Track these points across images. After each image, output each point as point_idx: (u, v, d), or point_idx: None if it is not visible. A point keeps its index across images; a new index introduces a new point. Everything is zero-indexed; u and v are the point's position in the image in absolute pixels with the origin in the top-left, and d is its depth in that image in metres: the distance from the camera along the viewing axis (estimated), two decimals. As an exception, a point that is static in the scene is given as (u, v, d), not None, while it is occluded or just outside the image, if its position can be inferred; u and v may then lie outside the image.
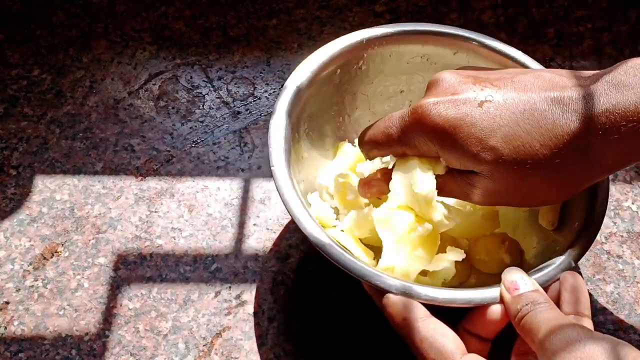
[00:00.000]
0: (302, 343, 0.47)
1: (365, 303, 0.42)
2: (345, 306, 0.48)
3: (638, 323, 0.48)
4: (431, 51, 0.50)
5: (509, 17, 0.65)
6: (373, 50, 0.49)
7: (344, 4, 0.66)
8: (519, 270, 0.38)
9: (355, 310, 0.48)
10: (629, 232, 0.52)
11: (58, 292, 0.49)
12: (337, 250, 0.39)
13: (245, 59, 0.62)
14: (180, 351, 0.46)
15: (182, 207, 0.53)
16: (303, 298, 0.49)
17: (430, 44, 0.50)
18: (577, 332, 0.33)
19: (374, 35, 0.49)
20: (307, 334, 0.47)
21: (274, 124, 0.44)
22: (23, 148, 0.56)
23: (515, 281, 0.37)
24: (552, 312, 0.35)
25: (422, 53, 0.50)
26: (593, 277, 0.50)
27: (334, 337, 0.47)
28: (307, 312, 0.48)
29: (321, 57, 0.48)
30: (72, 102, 0.59)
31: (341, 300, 0.48)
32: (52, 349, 0.46)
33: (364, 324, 0.47)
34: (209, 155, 0.56)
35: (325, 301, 0.49)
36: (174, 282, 0.49)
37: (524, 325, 0.35)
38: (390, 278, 0.38)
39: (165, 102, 0.59)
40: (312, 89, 0.47)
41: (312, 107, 0.48)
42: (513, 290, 0.37)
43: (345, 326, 0.47)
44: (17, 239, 0.51)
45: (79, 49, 0.62)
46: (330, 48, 0.48)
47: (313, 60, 0.47)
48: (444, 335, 0.36)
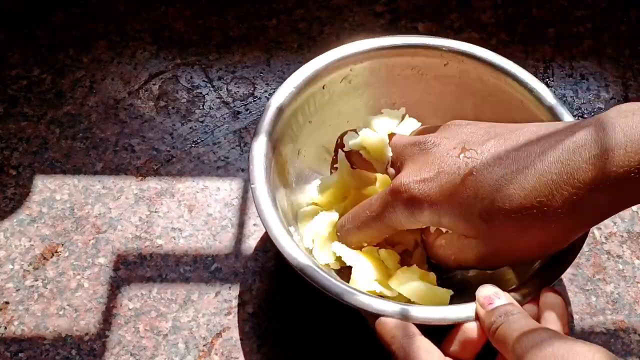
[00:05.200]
0: (302, 343, 0.47)
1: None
2: (345, 306, 0.48)
3: (638, 323, 0.48)
4: (421, 63, 0.50)
5: (509, 17, 0.65)
6: (362, 64, 0.49)
7: (344, 4, 0.66)
8: (493, 286, 0.38)
9: (355, 310, 0.48)
10: (629, 232, 0.52)
11: (58, 292, 0.49)
12: (320, 273, 0.40)
13: (245, 59, 0.62)
14: (180, 351, 0.46)
15: (182, 207, 0.53)
16: (303, 298, 0.49)
17: (421, 56, 0.49)
18: (546, 333, 0.33)
19: (361, 50, 0.49)
20: (307, 334, 0.47)
21: (256, 145, 0.44)
22: (23, 148, 0.56)
23: (490, 296, 0.37)
24: (524, 320, 0.35)
25: (412, 65, 0.50)
26: (593, 277, 0.50)
27: (334, 337, 0.47)
28: (307, 313, 0.48)
29: (306, 72, 0.47)
30: (72, 102, 0.59)
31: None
32: (52, 349, 0.46)
33: (364, 324, 0.47)
34: (209, 155, 0.56)
35: (325, 301, 0.49)
36: (174, 282, 0.49)
37: (498, 337, 0.35)
38: (373, 299, 0.39)
39: (165, 102, 0.59)
40: (296, 105, 0.47)
41: (298, 123, 0.48)
42: (487, 305, 0.37)
43: (345, 326, 0.47)
44: (17, 239, 0.51)
45: (79, 49, 0.62)
46: (316, 64, 0.48)
47: (298, 76, 0.47)
48: (428, 352, 0.36)
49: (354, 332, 0.47)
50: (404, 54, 0.49)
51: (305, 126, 0.49)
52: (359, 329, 0.47)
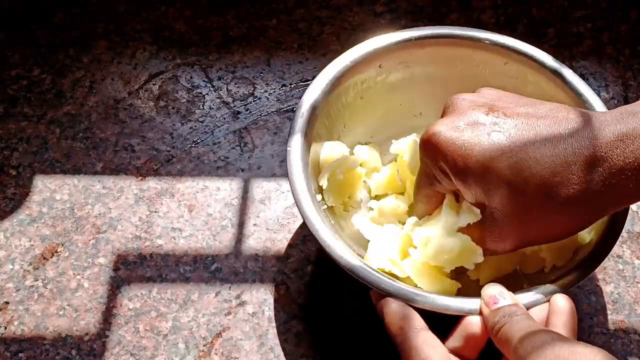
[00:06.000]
0: (302, 343, 0.47)
1: (365, 303, 0.42)
2: (346, 306, 0.48)
3: (638, 323, 0.48)
4: (481, 58, 0.49)
5: (509, 17, 0.65)
6: (423, 50, 0.49)
7: (344, 4, 0.66)
8: (499, 285, 0.38)
9: (356, 310, 0.48)
10: (629, 232, 0.52)
11: (58, 292, 0.49)
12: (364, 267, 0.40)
13: (245, 59, 0.62)
14: (180, 351, 0.46)
15: (182, 207, 0.53)
16: (303, 298, 0.49)
17: (482, 50, 0.49)
18: (550, 336, 0.33)
19: (422, 35, 0.49)
20: (307, 334, 0.47)
21: (293, 145, 0.44)
22: (23, 148, 0.56)
23: (494, 295, 0.37)
24: (527, 321, 0.35)
25: (473, 59, 0.49)
26: (593, 277, 0.50)
27: (334, 337, 0.47)
28: (307, 312, 0.48)
29: (363, 50, 0.48)
30: (72, 102, 0.59)
31: (341, 300, 0.48)
32: (52, 349, 0.46)
33: (364, 324, 0.47)
34: (209, 155, 0.56)
35: (325, 301, 0.49)
36: (174, 282, 0.49)
37: (501, 337, 0.35)
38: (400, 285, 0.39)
39: (165, 102, 0.59)
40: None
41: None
42: (492, 304, 0.37)
43: (345, 326, 0.47)
44: (17, 239, 0.51)
45: (79, 49, 0.62)
46: (374, 43, 0.48)
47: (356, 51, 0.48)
48: (432, 347, 0.36)
49: (355, 332, 0.47)
50: (464, 45, 0.49)
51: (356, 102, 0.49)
52: (359, 329, 0.47)
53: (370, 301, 0.40)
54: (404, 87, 0.51)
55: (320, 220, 0.41)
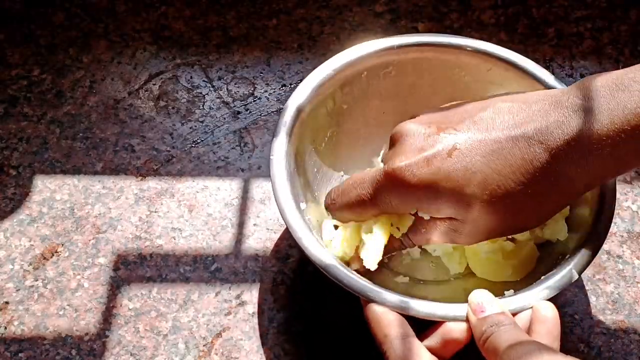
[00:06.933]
0: (302, 343, 0.47)
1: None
2: (345, 306, 0.48)
3: (638, 323, 0.48)
4: (464, 64, 0.49)
5: (509, 17, 0.65)
6: (406, 56, 0.49)
7: (344, 4, 0.66)
8: (486, 292, 0.38)
9: (355, 310, 0.48)
10: (629, 232, 0.52)
11: (58, 292, 0.49)
12: (339, 269, 0.40)
13: (245, 59, 0.62)
14: (180, 351, 0.46)
15: (182, 207, 0.53)
16: (303, 298, 0.49)
17: (466, 56, 0.49)
18: (535, 346, 0.33)
19: (407, 42, 0.49)
20: (307, 334, 0.47)
21: (276, 144, 0.44)
22: (23, 148, 0.56)
23: (482, 303, 0.37)
24: (514, 332, 0.35)
25: (456, 65, 0.49)
26: (593, 277, 0.50)
27: (334, 337, 0.47)
28: (307, 312, 0.48)
29: (346, 58, 0.48)
30: (72, 102, 0.59)
31: (341, 300, 0.48)
32: (52, 349, 0.46)
33: (363, 324, 0.47)
34: (209, 155, 0.56)
35: (325, 301, 0.49)
36: (174, 282, 0.49)
37: (488, 347, 0.35)
38: (387, 293, 0.39)
39: (165, 102, 0.59)
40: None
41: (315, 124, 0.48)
42: (479, 312, 0.37)
43: (345, 326, 0.47)
44: (17, 239, 0.51)
45: (79, 49, 0.62)
46: (357, 51, 0.48)
47: (335, 62, 0.47)
48: (418, 356, 0.36)
49: (355, 332, 0.47)
50: (448, 53, 0.49)
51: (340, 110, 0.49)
52: (359, 329, 0.47)
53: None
54: (388, 96, 0.50)
55: (308, 230, 0.41)
